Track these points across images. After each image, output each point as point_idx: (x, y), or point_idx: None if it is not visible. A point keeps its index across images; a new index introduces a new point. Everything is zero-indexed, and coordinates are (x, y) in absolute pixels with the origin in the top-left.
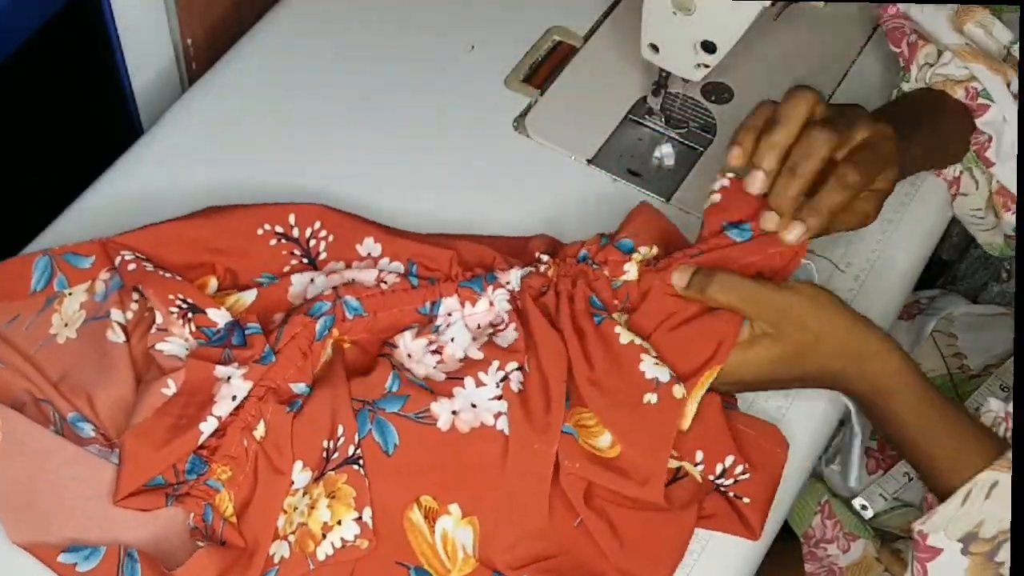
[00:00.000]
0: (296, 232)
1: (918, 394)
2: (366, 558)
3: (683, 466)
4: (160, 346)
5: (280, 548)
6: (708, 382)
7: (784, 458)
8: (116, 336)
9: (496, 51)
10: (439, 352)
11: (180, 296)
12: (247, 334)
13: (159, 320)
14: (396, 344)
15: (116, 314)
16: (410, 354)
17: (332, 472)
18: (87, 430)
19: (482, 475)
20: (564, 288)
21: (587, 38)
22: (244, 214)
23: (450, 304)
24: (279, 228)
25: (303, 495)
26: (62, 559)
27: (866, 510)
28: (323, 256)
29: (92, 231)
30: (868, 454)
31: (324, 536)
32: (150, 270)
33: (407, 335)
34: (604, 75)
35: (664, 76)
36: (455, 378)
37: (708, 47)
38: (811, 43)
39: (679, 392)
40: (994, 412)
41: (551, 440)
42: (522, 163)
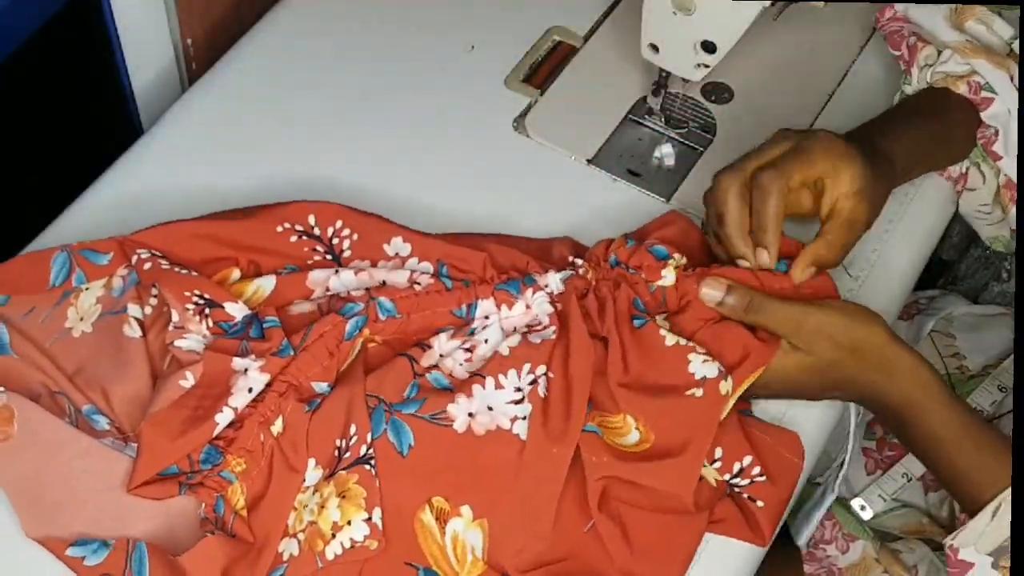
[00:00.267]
0: (317, 231)
1: (948, 409)
2: (375, 558)
3: None
4: (178, 343)
5: (289, 546)
6: (750, 382)
7: (801, 467)
8: (133, 331)
9: (496, 51)
10: (471, 351)
11: (196, 292)
12: (265, 327)
13: (175, 318)
14: (431, 345)
15: (133, 309)
16: (442, 354)
17: (343, 471)
18: (102, 423)
19: (495, 478)
20: (607, 291)
21: (587, 38)
22: (260, 214)
23: (486, 307)
24: (299, 226)
25: (313, 493)
26: (70, 552)
27: (865, 511)
28: (347, 254)
29: (92, 231)
30: (866, 454)
31: (333, 536)
32: (166, 268)
33: (443, 337)
34: (604, 75)
35: (664, 76)
36: (478, 375)
37: (708, 47)
38: (811, 43)
39: (725, 388)
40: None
41: (568, 446)
42: (522, 163)
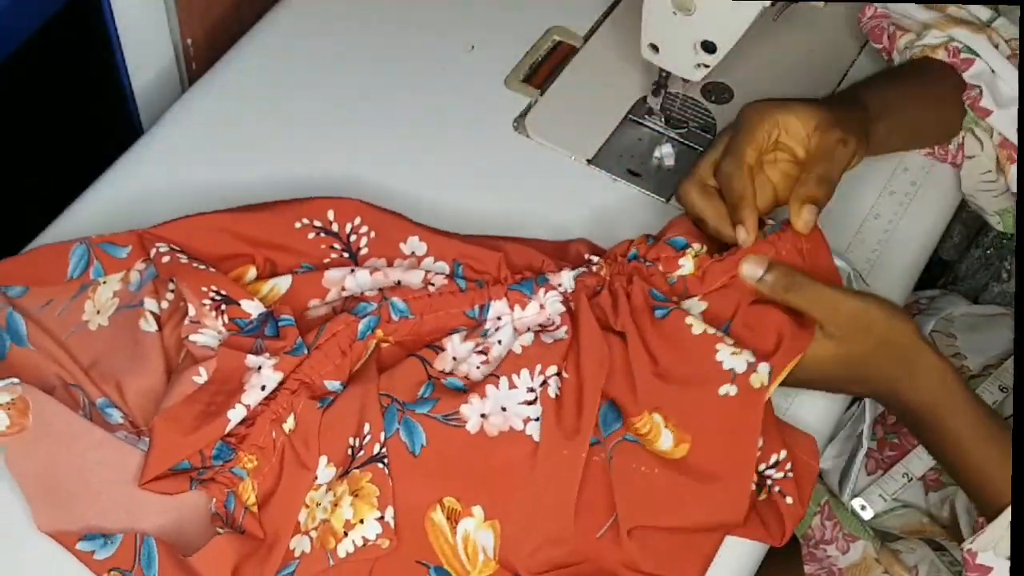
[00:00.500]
0: (335, 227)
1: (972, 411)
2: (387, 556)
3: None
4: (193, 337)
5: (301, 543)
6: (791, 368)
7: (817, 470)
8: (149, 325)
9: (496, 51)
10: (485, 352)
11: (213, 288)
12: (280, 326)
13: (191, 312)
14: (444, 347)
15: (150, 303)
16: (455, 356)
17: (357, 470)
18: (115, 416)
19: (507, 479)
20: (620, 286)
21: (587, 38)
22: (280, 209)
23: (499, 308)
24: (317, 222)
25: (327, 491)
26: (80, 546)
27: (865, 510)
28: (364, 251)
29: (92, 231)
30: (867, 454)
31: (346, 534)
32: (184, 262)
33: (455, 338)
34: (604, 75)
35: (664, 76)
36: (492, 375)
37: (708, 47)
38: (811, 43)
39: (757, 381)
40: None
41: (580, 445)
42: (522, 163)
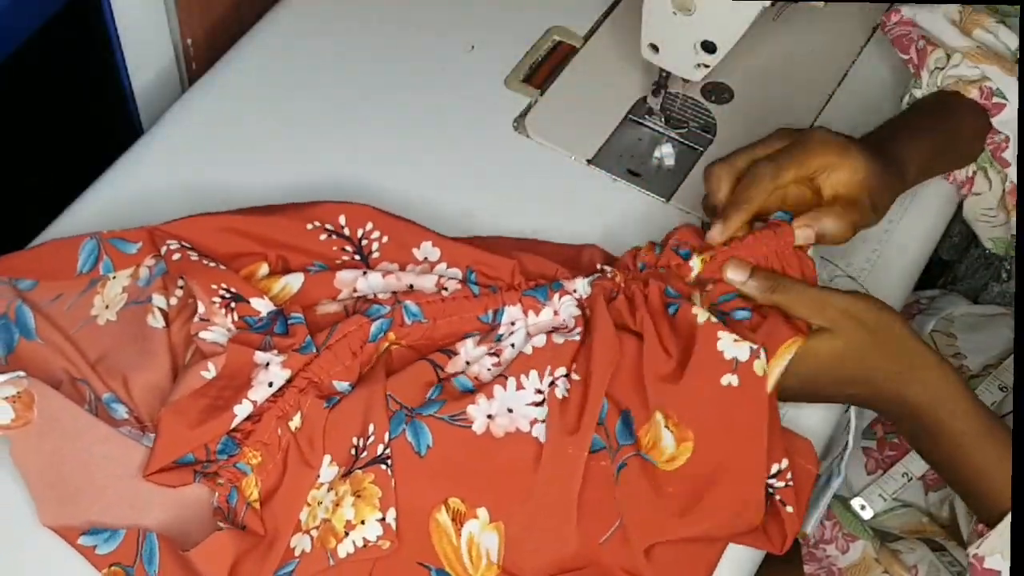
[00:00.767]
0: (347, 231)
1: (973, 412)
2: (387, 557)
3: None
4: (203, 334)
5: (302, 542)
6: (788, 355)
7: (815, 475)
8: (156, 321)
9: (496, 51)
10: (497, 355)
11: (223, 286)
12: (290, 323)
13: (201, 310)
14: (457, 352)
15: (158, 300)
16: (469, 361)
17: (359, 471)
18: (121, 411)
19: (512, 481)
20: (637, 288)
21: (587, 38)
22: (291, 211)
23: (513, 313)
24: (329, 225)
25: (328, 490)
26: (82, 541)
27: (865, 510)
28: (376, 255)
29: (92, 231)
30: (867, 454)
31: (347, 534)
32: (194, 259)
33: (469, 343)
34: (604, 75)
35: (664, 76)
36: (501, 375)
37: (708, 47)
38: (811, 43)
39: (760, 368)
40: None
41: (581, 444)
42: (522, 163)
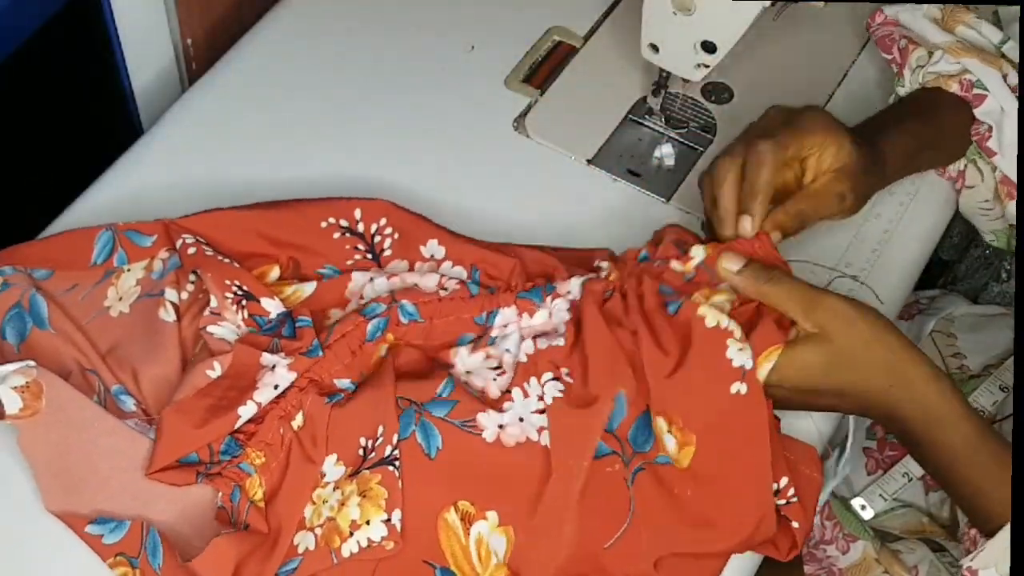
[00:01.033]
0: (361, 227)
1: (968, 423)
2: (392, 555)
3: None
4: (211, 329)
5: (305, 539)
6: (769, 363)
7: (821, 482)
8: (167, 315)
9: (496, 51)
10: (498, 364)
11: (236, 283)
12: (298, 326)
13: (213, 303)
14: (453, 363)
15: (170, 293)
16: (468, 371)
17: (367, 471)
18: (129, 404)
19: (523, 489)
20: (630, 288)
21: (587, 38)
22: (309, 207)
23: (507, 315)
24: (344, 222)
25: (335, 489)
26: (89, 530)
27: (865, 510)
28: (387, 253)
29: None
30: (867, 454)
31: (351, 534)
32: (209, 254)
33: (463, 351)
34: (604, 75)
35: (664, 76)
36: (507, 392)
37: (708, 47)
38: (811, 43)
39: (761, 373)
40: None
41: (583, 452)
42: (522, 163)
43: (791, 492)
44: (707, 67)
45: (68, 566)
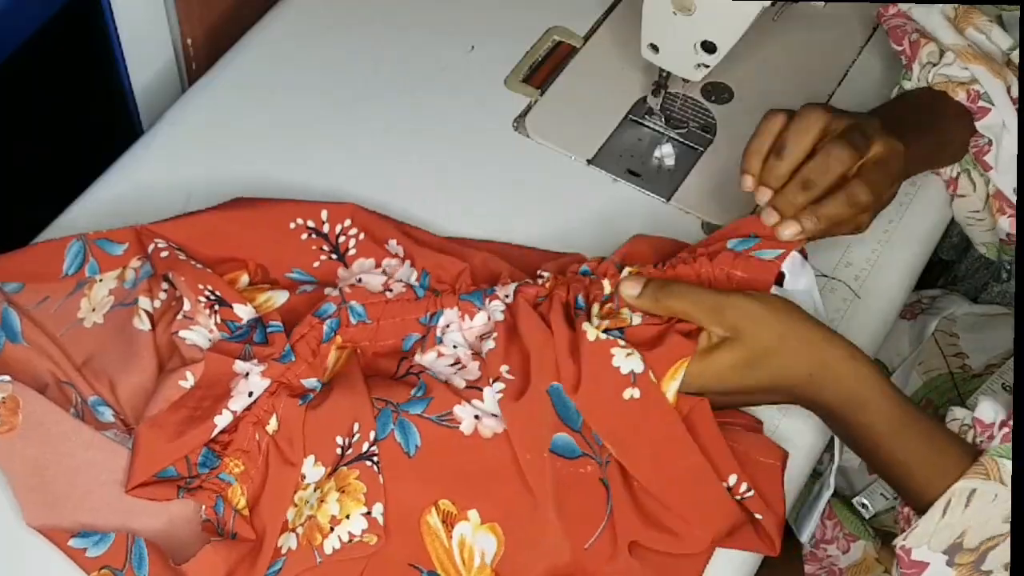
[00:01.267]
0: (326, 228)
1: (890, 403)
2: (377, 558)
3: None
4: (184, 334)
5: (288, 540)
6: (679, 374)
7: (779, 468)
8: (142, 323)
9: (496, 51)
10: (457, 361)
11: (209, 287)
12: (269, 332)
13: (186, 307)
14: (414, 362)
15: (144, 301)
16: (427, 368)
17: (344, 467)
18: (107, 415)
19: (501, 484)
20: (557, 297)
21: (587, 38)
22: (278, 208)
23: (449, 316)
24: (311, 223)
25: (315, 490)
26: (72, 543)
27: (866, 508)
28: (352, 252)
29: (92, 231)
30: None
31: (332, 529)
32: (182, 259)
33: (416, 356)
34: (604, 75)
35: (664, 76)
36: (474, 387)
37: (708, 47)
38: (811, 43)
39: (655, 376)
40: (959, 419)
41: (535, 446)
42: (522, 163)
43: (744, 487)
44: (707, 67)
45: None
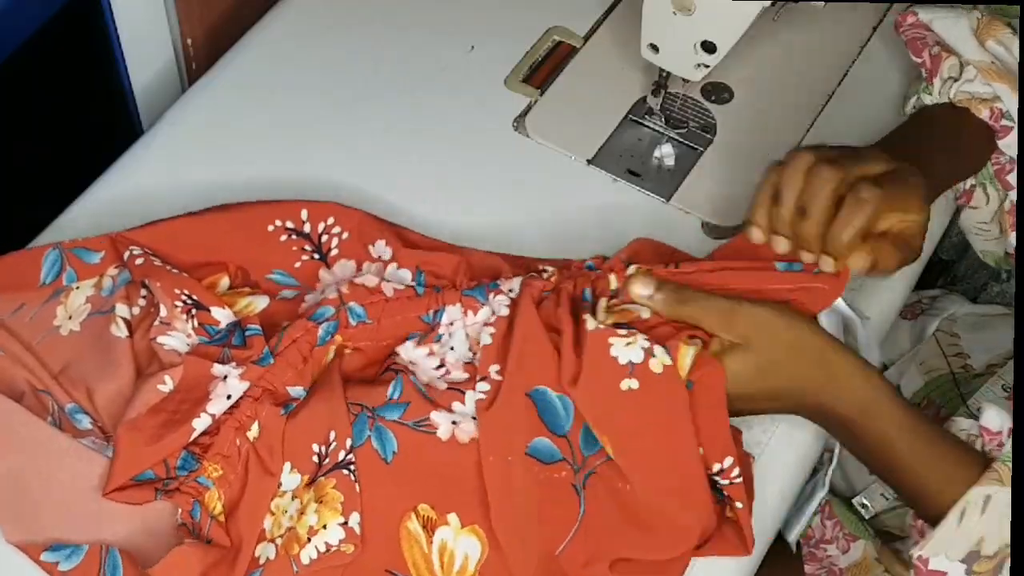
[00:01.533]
0: (308, 227)
1: (901, 413)
2: (354, 565)
3: None
4: (161, 339)
5: (266, 550)
6: (689, 356)
7: (750, 461)
8: (119, 331)
9: (496, 51)
10: (443, 364)
11: (186, 292)
12: (247, 335)
13: (163, 313)
14: (398, 353)
15: (121, 309)
16: (412, 362)
17: (322, 477)
18: (84, 422)
19: (479, 486)
20: (564, 290)
21: (587, 38)
22: (255, 210)
23: (452, 313)
24: (290, 224)
25: (293, 499)
26: (45, 557)
27: (866, 508)
28: (335, 252)
29: (92, 231)
30: None
31: (309, 539)
32: (158, 265)
33: (408, 345)
34: (604, 75)
35: (664, 76)
36: (456, 390)
37: (708, 47)
38: (811, 43)
39: (658, 365)
40: (965, 430)
41: (507, 449)
42: (522, 163)
43: (735, 473)
44: (707, 67)
45: None
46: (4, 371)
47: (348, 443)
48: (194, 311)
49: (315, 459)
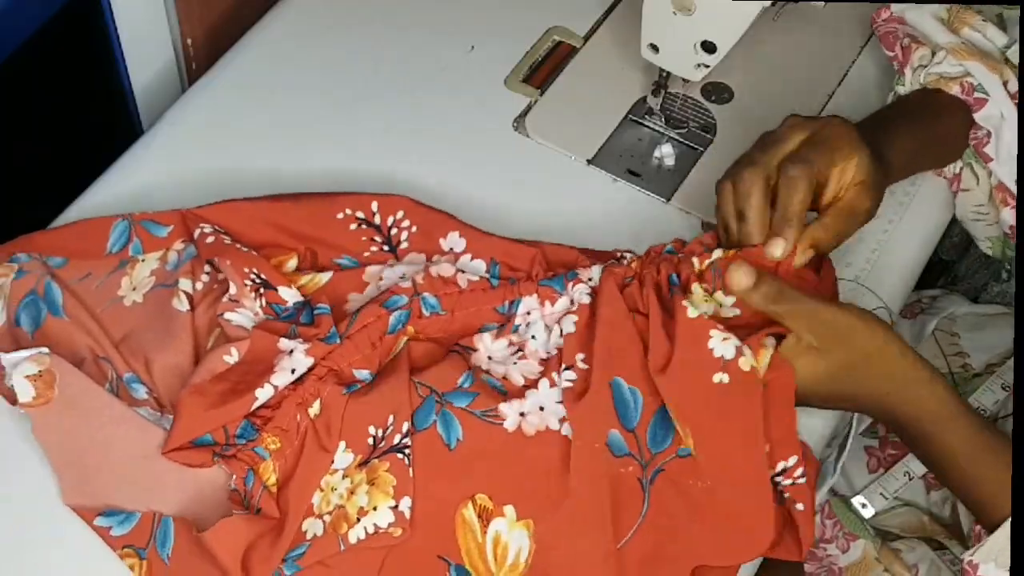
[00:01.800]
0: (378, 219)
1: (966, 421)
2: (402, 548)
3: None
4: (229, 315)
5: (314, 526)
6: (766, 357)
7: (814, 474)
8: (181, 305)
9: (496, 51)
10: (522, 350)
11: (255, 271)
12: (316, 314)
13: (232, 290)
14: (476, 348)
15: (184, 283)
16: (491, 356)
17: (376, 460)
18: (141, 392)
19: (542, 480)
20: (649, 275)
21: (587, 38)
22: (325, 198)
23: (529, 303)
24: (360, 214)
25: (343, 477)
26: (98, 522)
27: (866, 508)
28: (404, 245)
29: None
30: (868, 452)
31: (358, 520)
32: (228, 243)
33: (486, 337)
34: (604, 75)
35: (664, 76)
36: (532, 383)
37: (708, 47)
38: (811, 43)
39: (747, 364)
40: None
41: (593, 435)
42: (522, 163)
43: (799, 472)
44: (707, 67)
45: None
46: (68, 336)
47: (405, 427)
48: (262, 290)
49: (370, 441)
